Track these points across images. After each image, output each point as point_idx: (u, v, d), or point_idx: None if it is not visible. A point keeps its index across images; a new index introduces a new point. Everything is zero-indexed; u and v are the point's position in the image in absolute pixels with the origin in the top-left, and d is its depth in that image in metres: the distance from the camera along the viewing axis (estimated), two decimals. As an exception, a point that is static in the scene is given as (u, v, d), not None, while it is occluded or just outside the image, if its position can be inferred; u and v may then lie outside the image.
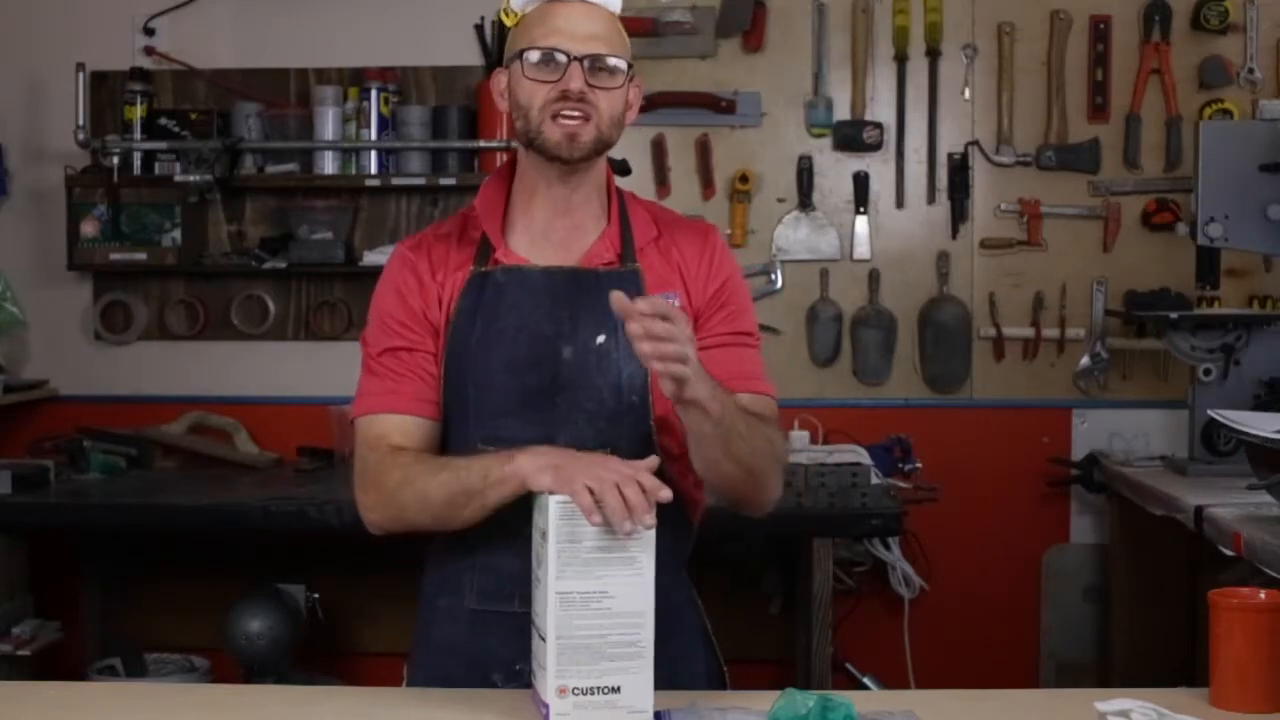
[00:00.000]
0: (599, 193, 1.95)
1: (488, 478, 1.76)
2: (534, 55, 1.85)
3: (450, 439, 1.91)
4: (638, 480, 1.65)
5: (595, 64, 1.85)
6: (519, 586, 1.82)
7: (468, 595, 1.90)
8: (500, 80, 1.93)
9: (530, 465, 1.72)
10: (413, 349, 1.91)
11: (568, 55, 1.83)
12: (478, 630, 1.89)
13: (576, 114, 1.84)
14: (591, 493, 1.63)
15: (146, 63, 4.08)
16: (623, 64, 1.88)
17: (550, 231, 1.93)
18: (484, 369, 1.87)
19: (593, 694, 1.64)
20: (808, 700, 1.58)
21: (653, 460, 1.71)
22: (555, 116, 1.84)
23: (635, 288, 1.89)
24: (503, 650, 1.86)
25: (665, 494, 1.66)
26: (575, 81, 1.83)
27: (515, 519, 1.80)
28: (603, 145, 1.89)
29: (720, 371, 1.87)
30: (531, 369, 1.86)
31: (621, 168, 3.85)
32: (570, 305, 1.88)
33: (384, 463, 1.87)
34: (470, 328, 1.89)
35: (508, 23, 1.93)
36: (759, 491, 1.88)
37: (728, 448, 1.77)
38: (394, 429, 1.89)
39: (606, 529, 1.63)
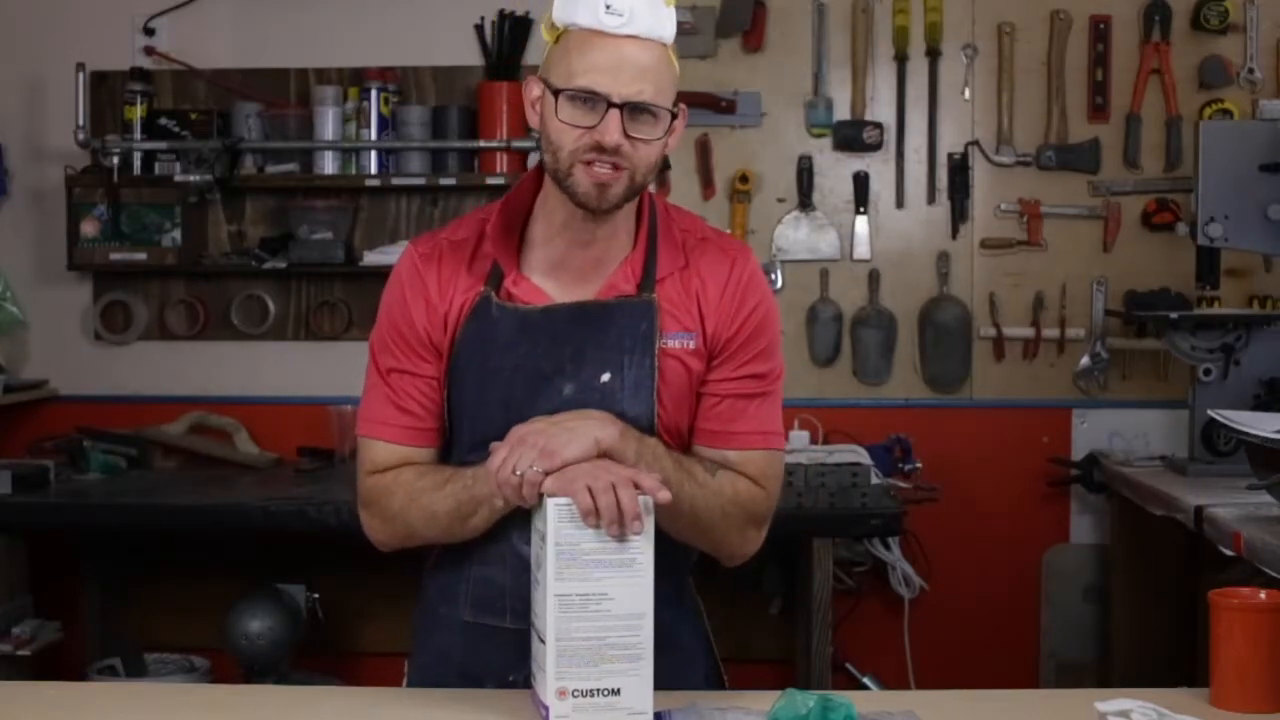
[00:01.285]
0: (627, 219, 1.83)
1: (492, 483, 1.73)
2: (570, 95, 1.70)
3: (451, 461, 1.88)
4: (636, 482, 1.64)
5: (636, 111, 1.70)
6: (512, 601, 1.82)
7: (463, 606, 1.89)
8: (533, 89, 1.78)
9: None
10: (415, 374, 1.85)
11: (607, 101, 1.69)
12: (471, 641, 1.88)
13: (609, 165, 1.71)
14: (591, 494, 1.62)
15: (146, 63, 4.08)
16: (667, 109, 1.72)
17: (569, 260, 1.83)
18: (480, 405, 1.83)
19: (592, 696, 1.64)
20: (808, 700, 1.58)
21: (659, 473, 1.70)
22: (587, 163, 1.71)
23: (647, 322, 1.80)
24: (495, 662, 1.86)
25: (664, 495, 1.66)
26: (611, 135, 1.69)
27: (510, 534, 1.80)
28: (635, 193, 1.77)
29: (720, 424, 1.84)
30: (529, 406, 1.79)
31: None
32: (575, 341, 1.80)
33: (381, 484, 1.85)
34: (469, 361, 1.82)
35: (546, 37, 1.77)
36: (715, 545, 1.86)
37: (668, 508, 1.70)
38: (393, 459, 1.86)
39: (604, 530, 1.63)
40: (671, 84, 1.75)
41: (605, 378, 1.80)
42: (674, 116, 1.75)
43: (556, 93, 1.72)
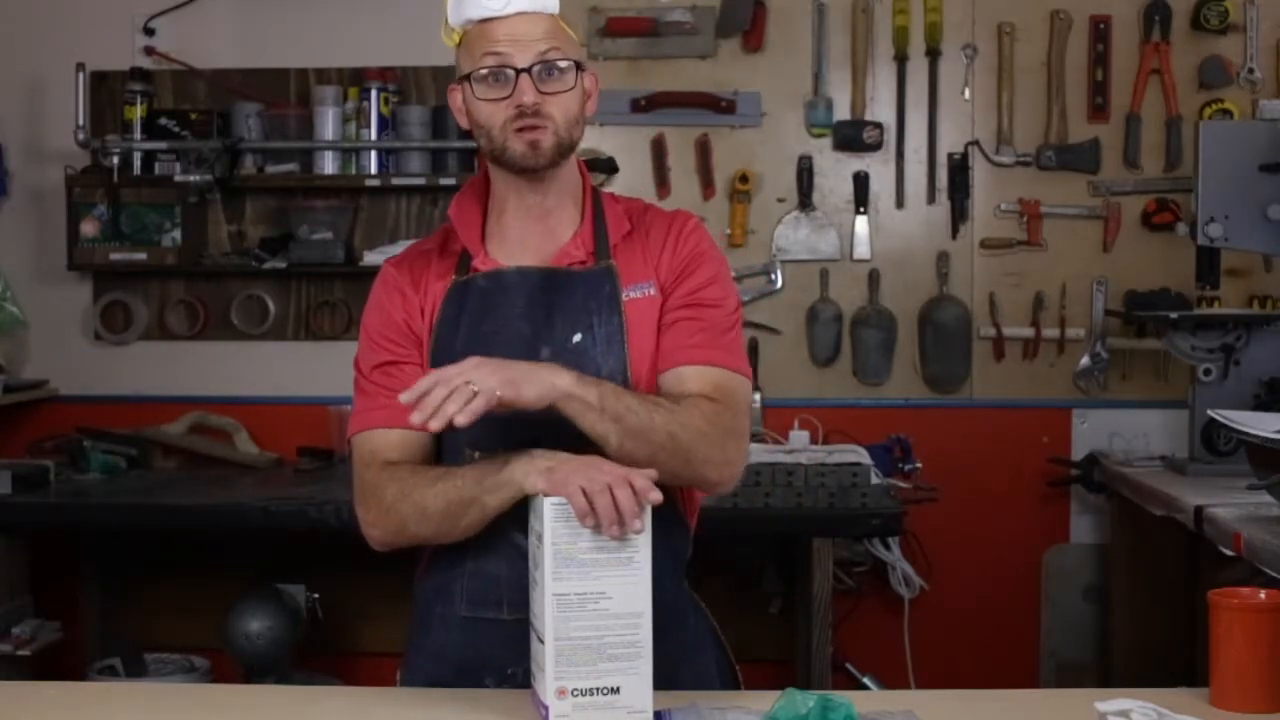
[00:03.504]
0: (572, 194, 1.96)
1: (483, 484, 1.76)
2: (481, 73, 1.85)
3: (442, 446, 1.91)
4: (630, 481, 1.65)
5: (544, 69, 1.84)
6: (509, 593, 1.83)
7: (459, 602, 1.90)
8: (456, 97, 1.93)
9: (524, 469, 1.73)
10: (400, 362, 1.91)
11: (514, 68, 1.83)
12: (469, 636, 1.89)
13: (535, 126, 1.84)
14: (585, 494, 1.63)
15: (146, 63, 4.08)
16: (570, 62, 1.87)
17: (526, 238, 1.94)
18: None
19: (592, 695, 1.64)
20: (808, 700, 1.58)
21: (651, 470, 1.70)
22: (516, 131, 1.85)
23: (609, 284, 1.90)
24: (493, 656, 1.87)
25: (655, 496, 1.66)
26: (527, 95, 1.83)
27: (507, 525, 1.81)
28: (566, 148, 1.89)
29: (669, 343, 1.89)
30: None
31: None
32: (546, 306, 1.89)
33: (378, 479, 1.87)
34: (453, 335, 1.89)
35: (449, 43, 1.93)
36: (701, 468, 1.84)
37: (623, 430, 1.75)
38: (387, 445, 1.89)
39: (601, 531, 1.63)
40: (569, 43, 1.89)
41: (577, 338, 1.88)
42: (579, 67, 1.88)
43: (469, 78, 1.86)
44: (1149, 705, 1.69)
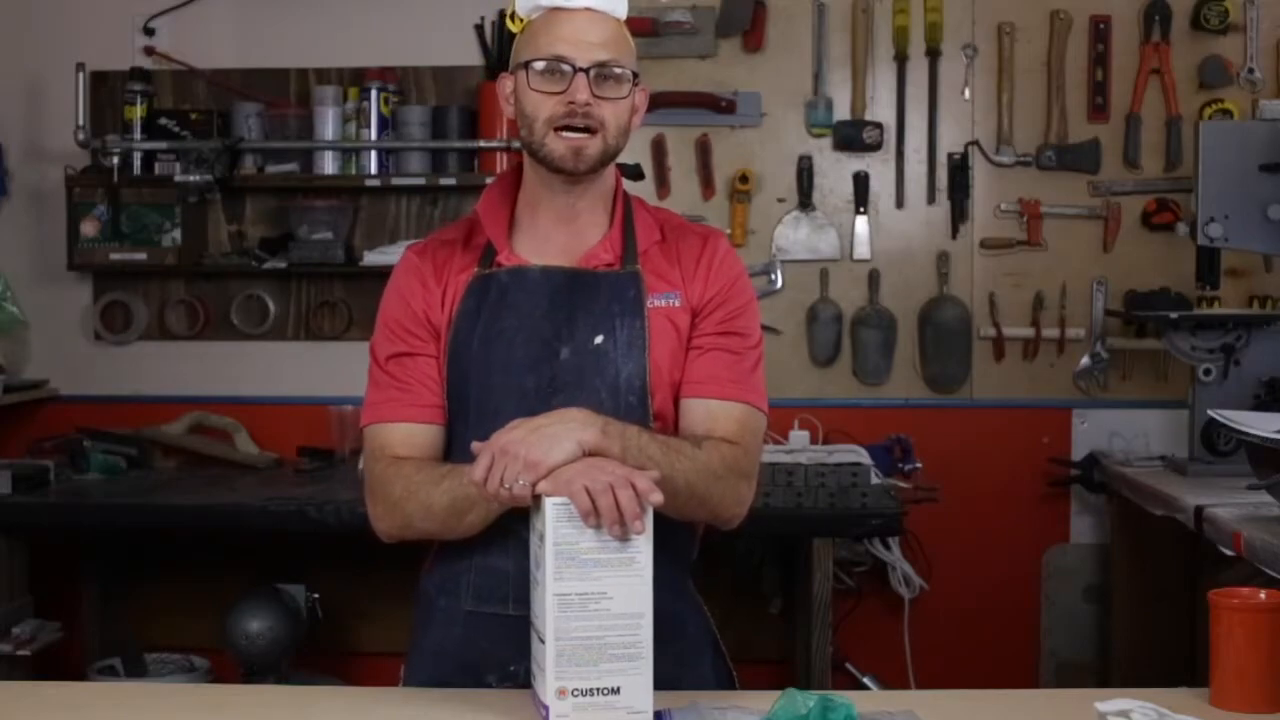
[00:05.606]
0: (604, 199, 1.96)
1: (482, 494, 1.75)
2: (539, 65, 1.85)
3: (453, 441, 1.92)
4: (632, 482, 1.65)
5: (601, 73, 1.84)
6: (514, 589, 1.84)
7: (464, 596, 1.91)
8: (505, 85, 1.94)
9: None
10: (415, 354, 1.92)
11: (573, 66, 1.83)
12: (472, 632, 1.90)
13: (582, 127, 1.84)
14: (589, 494, 1.63)
15: (146, 63, 4.08)
16: (629, 72, 1.87)
17: (553, 236, 1.94)
18: (483, 370, 1.88)
19: (592, 695, 1.64)
20: (808, 700, 1.58)
21: (654, 472, 1.70)
22: (559, 130, 1.84)
23: (634, 289, 1.90)
24: (496, 652, 1.87)
25: (657, 497, 1.66)
26: (581, 94, 1.83)
27: (514, 521, 1.81)
28: (609, 156, 1.89)
29: (701, 372, 1.90)
30: (530, 370, 1.87)
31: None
32: (568, 306, 1.89)
33: (387, 474, 1.88)
34: (471, 329, 1.89)
35: (513, 29, 1.93)
36: (714, 510, 1.87)
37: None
38: (398, 438, 1.90)
39: (603, 531, 1.64)
40: (629, 53, 1.90)
41: (599, 340, 1.88)
42: (636, 76, 1.88)
43: (527, 66, 1.85)
44: (1149, 705, 1.69)
